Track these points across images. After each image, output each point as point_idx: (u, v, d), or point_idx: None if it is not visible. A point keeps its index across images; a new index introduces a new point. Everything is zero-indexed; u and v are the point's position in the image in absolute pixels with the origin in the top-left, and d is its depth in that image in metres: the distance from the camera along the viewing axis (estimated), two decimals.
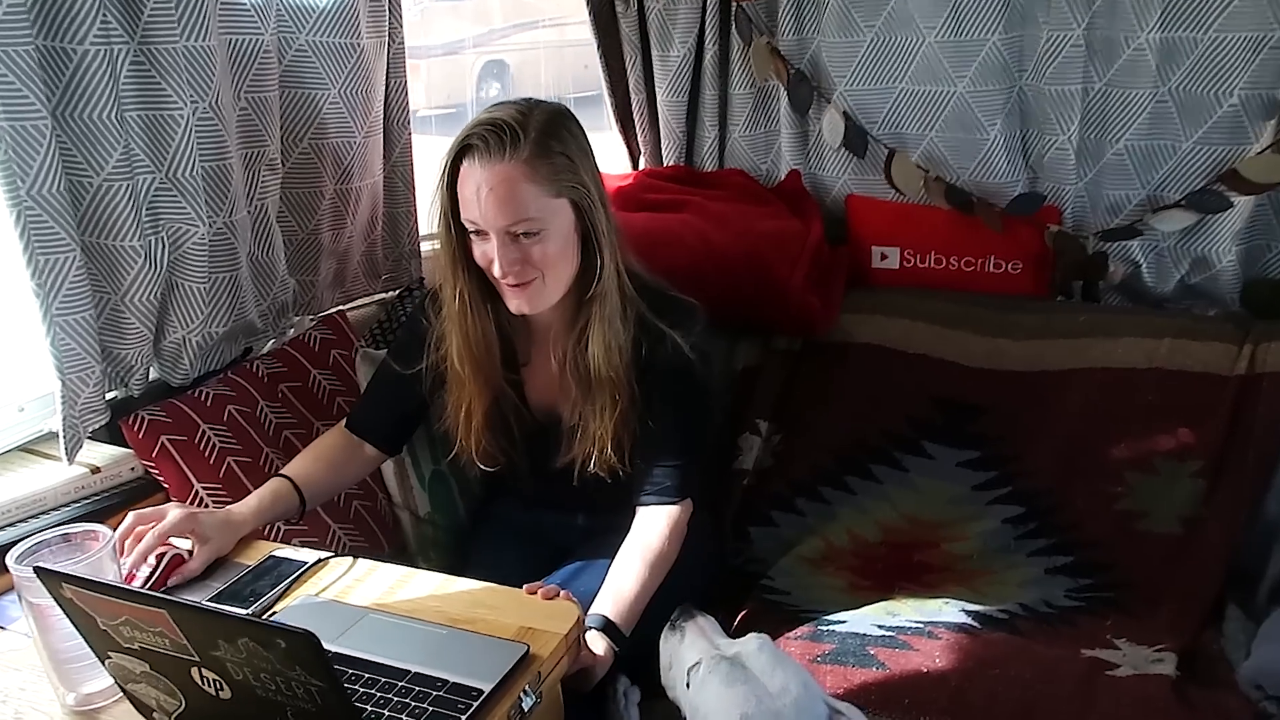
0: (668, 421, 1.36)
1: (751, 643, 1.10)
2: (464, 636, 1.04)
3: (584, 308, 1.31)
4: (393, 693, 0.95)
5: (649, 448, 1.36)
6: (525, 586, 1.14)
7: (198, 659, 0.81)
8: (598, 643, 1.20)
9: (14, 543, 0.97)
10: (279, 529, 1.45)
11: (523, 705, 0.96)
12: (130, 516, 1.20)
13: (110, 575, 0.97)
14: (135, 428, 1.39)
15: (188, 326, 1.47)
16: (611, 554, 1.33)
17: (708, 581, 1.52)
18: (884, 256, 1.87)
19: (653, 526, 1.34)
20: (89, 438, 1.36)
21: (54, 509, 1.29)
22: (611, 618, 1.23)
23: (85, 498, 1.32)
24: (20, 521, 1.25)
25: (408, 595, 1.15)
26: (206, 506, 1.39)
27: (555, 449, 1.40)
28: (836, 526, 1.62)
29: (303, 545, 1.45)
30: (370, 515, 1.59)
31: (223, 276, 1.51)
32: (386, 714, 0.92)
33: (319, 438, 1.46)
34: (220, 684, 0.82)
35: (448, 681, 0.96)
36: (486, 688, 0.95)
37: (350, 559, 1.23)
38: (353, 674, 0.98)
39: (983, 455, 1.62)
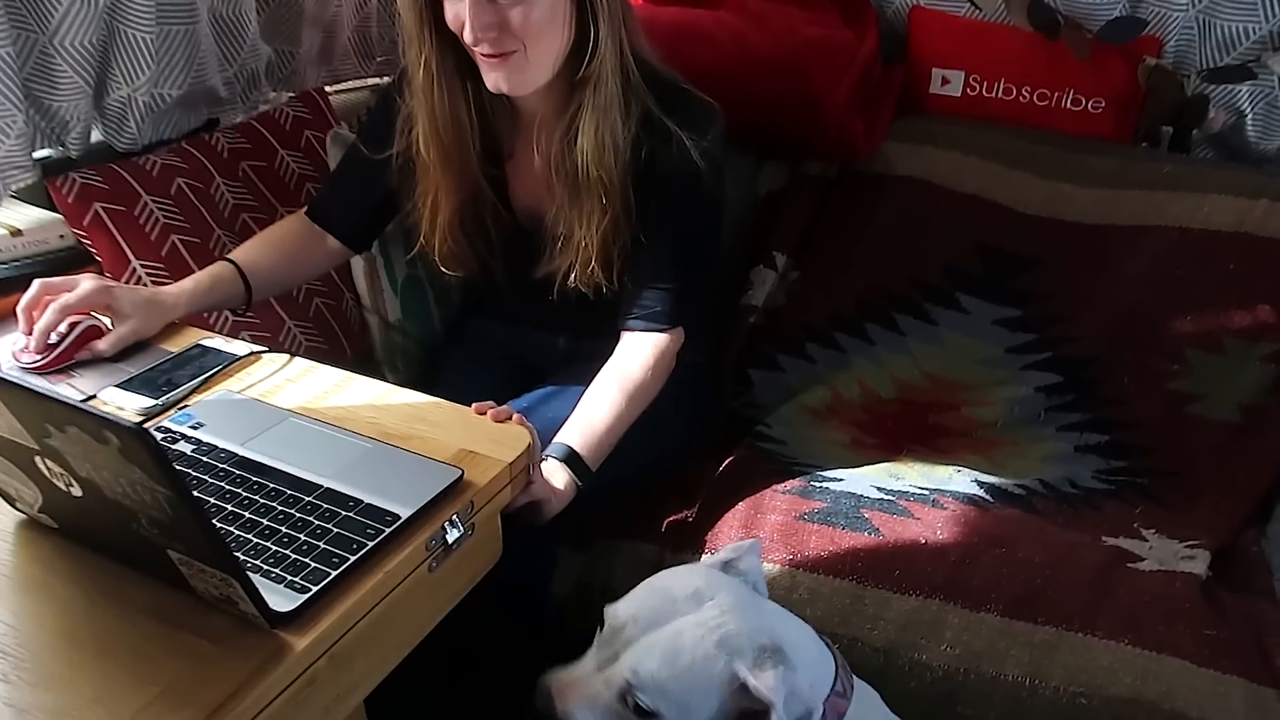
0: (665, 238, 1.17)
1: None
2: (392, 453, 0.90)
3: (575, 92, 1.11)
4: (295, 508, 0.81)
5: (640, 266, 1.18)
6: (475, 405, 0.99)
7: (37, 448, 0.68)
8: (558, 475, 1.06)
9: None
10: (226, 320, 1.31)
11: (446, 537, 0.83)
12: (35, 285, 1.06)
13: None
14: (65, 190, 1.23)
15: (133, 83, 1.29)
16: (588, 382, 1.18)
17: (697, 423, 1.37)
18: (945, 81, 1.62)
19: (635, 354, 1.18)
20: (11, 196, 1.21)
21: None
22: (576, 449, 1.09)
23: (2, 262, 1.18)
24: None
25: (341, 401, 1.00)
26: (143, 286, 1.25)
27: (536, 257, 1.22)
28: (848, 377, 1.46)
29: (254, 339, 1.31)
30: (333, 316, 1.45)
31: (176, 30, 1.32)
32: (284, 530, 0.79)
33: (275, 223, 1.30)
34: (69, 480, 0.69)
35: (361, 502, 0.82)
36: (405, 513, 0.81)
37: (286, 356, 1.08)
38: (255, 482, 0.84)
39: (1024, 315, 1.43)
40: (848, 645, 1.09)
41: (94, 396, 1.00)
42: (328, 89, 1.60)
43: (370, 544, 0.78)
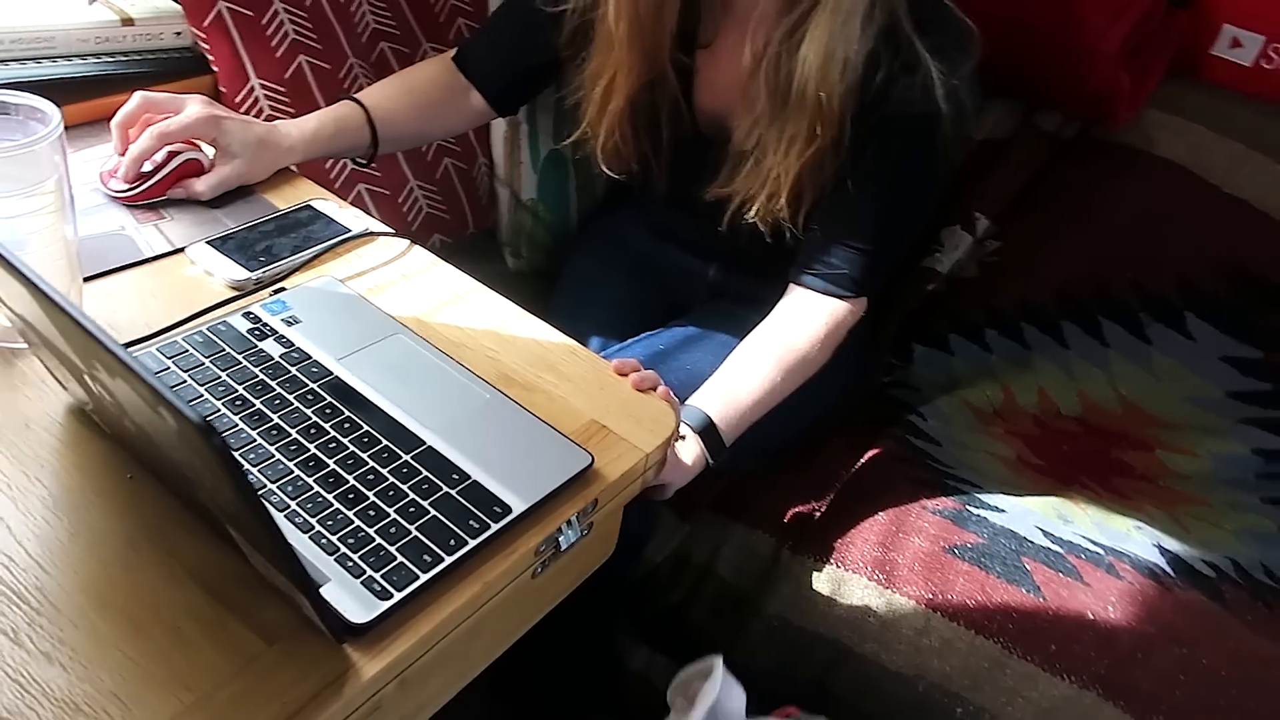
0: (875, 188, 0.95)
1: None
2: (513, 413, 0.73)
3: None
4: (390, 468, 0.66)
5: (836, 214, 0.97)
6: (616, 363, 0.82)
7: (83, 369, 0.52)
8: (689, 447, 0.89)
9: None
10: (343, 168, 1.14)
11: (559, 540, 0.67)
12: (136, 98, 0.89)
13: (50, 176, 0.67)
14: None
15: None
16: (739, 331, 0.99)
17: (841, 395, 1.18)
18: (1236, 43, 1.31)
19: (804, 318, 0.98)
20: None
21: (63, 57, 0.98)
22: (715, 419, 0.91)
23: (108, 54, 1.01)
24: (14, 61, 0.95)
25: (459, 319, 0.83)
26: (260, 111, 1.08)
27: (710, 173, 1.01)
28: (1027, 379, 1.24)
29: (372, 194, 1.14)
30: (462, 182, 1.26)
31: None
32: (371, 498, 0.64)
33: (416, 64, 1.10)
34: (123, 414, 0.54)
35: (468, 479, 0.66)
36: (519, 506, 0.65)
37: (405, 243, 0.91)
38: (347, 419, 0.69)
39: (1265, 359, 1.18)
40: (972, 714, 0.93)
41: (180, 250, 0.84)
42: None
43: (472, 543, 0.62)
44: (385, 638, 0.57)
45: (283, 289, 0.81)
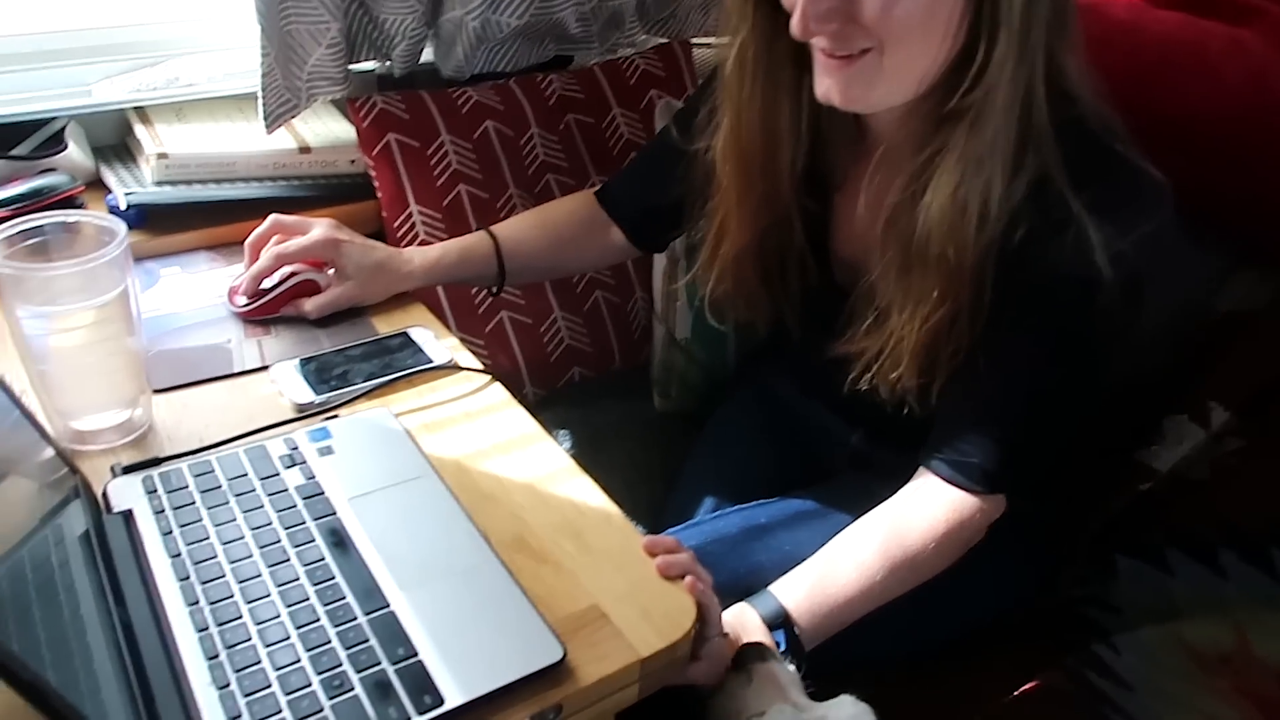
0: (1016, 365, 0.79)
1: (845, 708, 0.66)
2: (502, 584, 0.65)
3: (942, 127, 0.74)
4: (337, 626, 0.61)
5: (968, 391, 0.80)
6: (646, 540, 0.71)
7: None
8: (755, 634, 0.76)
9: None
10: (482, 296, 1.14)
11: None
12: (269, 221, 0.95)
13: (113, 290, 0.71)
14: (363, 112, 1.12)
15: (466, 5, 1.13)
16: (868, 511, 0.84)
17: (1001, 600, 0.97)
18: None
19: (923, 510, 0.81)
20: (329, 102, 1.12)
21: (242, 180, 1.07)
22: (793, 613, 0.77)
23: (282, 178, 1.09)
24: (197, 182, 1.05)
25: (506, 467, 0.77)
26: (415, 237, 1.11)
27: (841, 326, 0.89)
28: (1270, 622, 0.95)
29: (513, 322, 1.13)
30: (613, 316, 1.22)
31: None
32: (285, 670, 0.59)
33: (561, 199, 1.09)
34: None
35: (412, 656, 0.59)
36: (453, 699, 0.57)
37: (485, 377, 0.88)
38: (319, 567, 0.65)
39: None
40: None
41: (266, 367, 0.86)
42: (697, 41, 1.35)
43: None
44: None
45: (335, 416, 0.80)
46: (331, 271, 0.94)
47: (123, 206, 1.00)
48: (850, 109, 0.77)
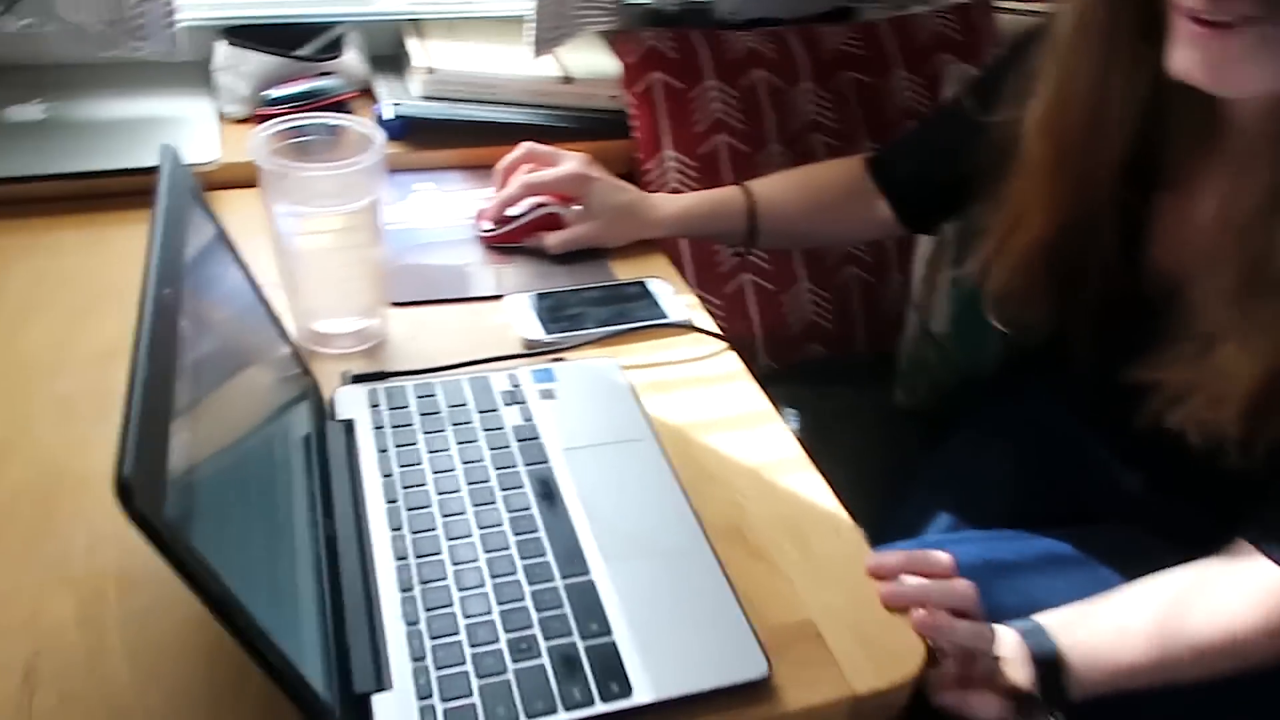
0: None
1: None
2: (712, 577, 0.59)
3: None
4: (533, 585, 0.56)
5: None
6: (872, 560, 0.62)
7: None
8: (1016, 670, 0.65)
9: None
10: (727, 255, 1.07)
11: None
12: (521, 147, 0.92)
13: (363, 199, 0.70)
14: (630, 47, 1.06)
15: None
16: (1140, 572, 0.70)
17: None
18: None
19: (1247, 593, 0.67)
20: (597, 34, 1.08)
21: (502, 104, 1.05)
22: (1068, 660, 0.65)
23: (541, 106, 1.06)
24: (460, 100, 1.04)
25: (732, 446, 0.71)
26: (665, 184, 1.05)
27: (1145, 350, 0.75)
28: None
29: (756, 287, 1.06)
30: (863, 296, 1.12)
31: None
32: (474, 621, 0.55)
33: (826, 162, 0.99)
34: None
35: (607, 634, 0.54)
36: (642, 695, 0.51)
37: (720, 344, 0.81)
38: (527, 514, 0.61)
39: None
40: None
41: (499, 297, 0.84)
42: (1000, 4, 1.20)
43: (562, 716, 0.50)
44: None
45: (561, 359, 0.76)
46: (577, 208, 0.90)
47: (387, 116, 1.00)
48: (1215, 90, 0.63)
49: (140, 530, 0.35)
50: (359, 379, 0.72)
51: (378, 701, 0.49)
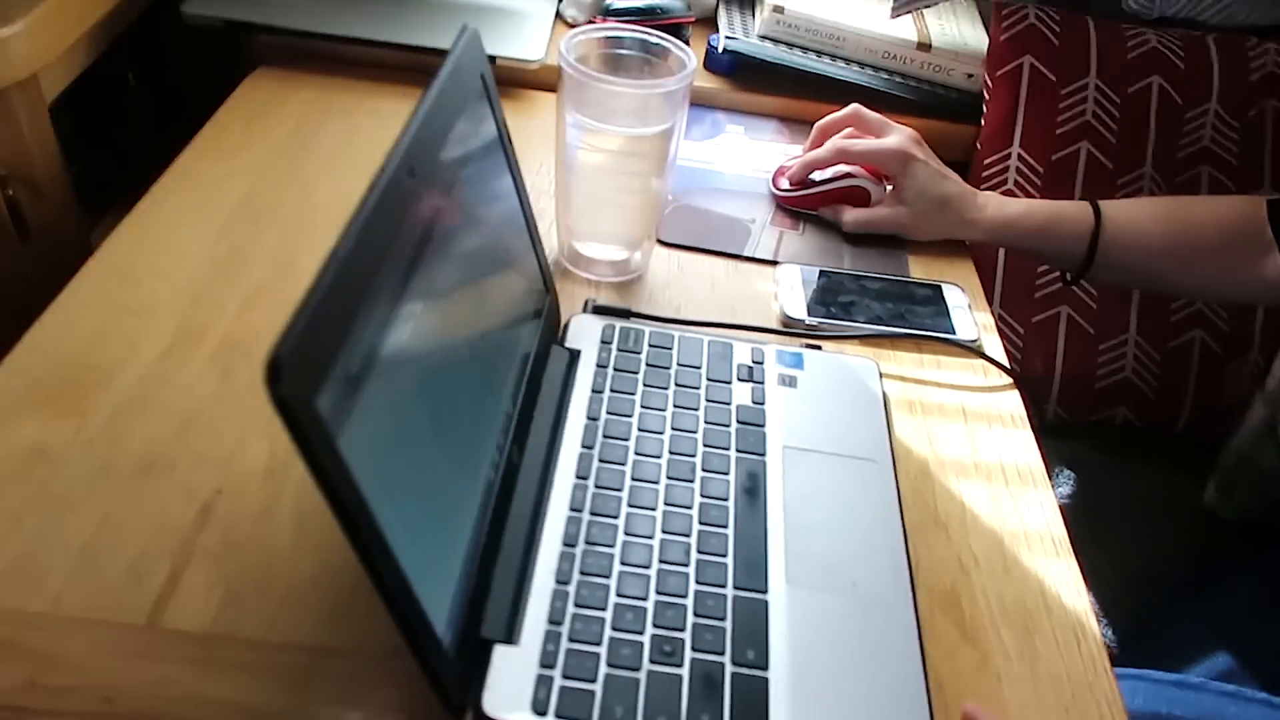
0: None
1: None
2: (900, 635, 0.50)
3: None
4: (698, 582, 0.51)
5: None
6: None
7: None
8: None
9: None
10: (1055, 279, 0.93)
11: None
12: (849, 109, 0.83)
13: (662, 124, 0.65)
14: (1008, 22, 0.93)
15: None
16: None
17: None
18: None
19: None
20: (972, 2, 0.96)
21: (844, 59, 0.96)
22: None
23: (886, 70, 0.96)
24: (799, 47, 0.96)
25: (980, 500, 0.60)
26: (1001, 183, 0.93)
27: None
28: None
29: (1069, 323, 0.93)
30: (1204, 366, 0.93)
31: None
32: (626, 599, 0.50)
33: (1210, 197, 0.82)
34: None
35: (762, 670, 0.47)
36: None
37: (1008, 380, 0.69)
38: (721, 506, 0.55)
39: None
40: None
41: (774, 263, 0.77)
42: None
43: None
44: None
45: (818, 347, 0.68)
46: (889, 188, 0.80)
47: (719, 49, 0.95)
48: None
49: (281, 416, 0.32)
50: (601, 310, 0.68)
51: (499, 655, 0.46)
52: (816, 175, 0.82)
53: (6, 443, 0.54)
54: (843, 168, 0.81)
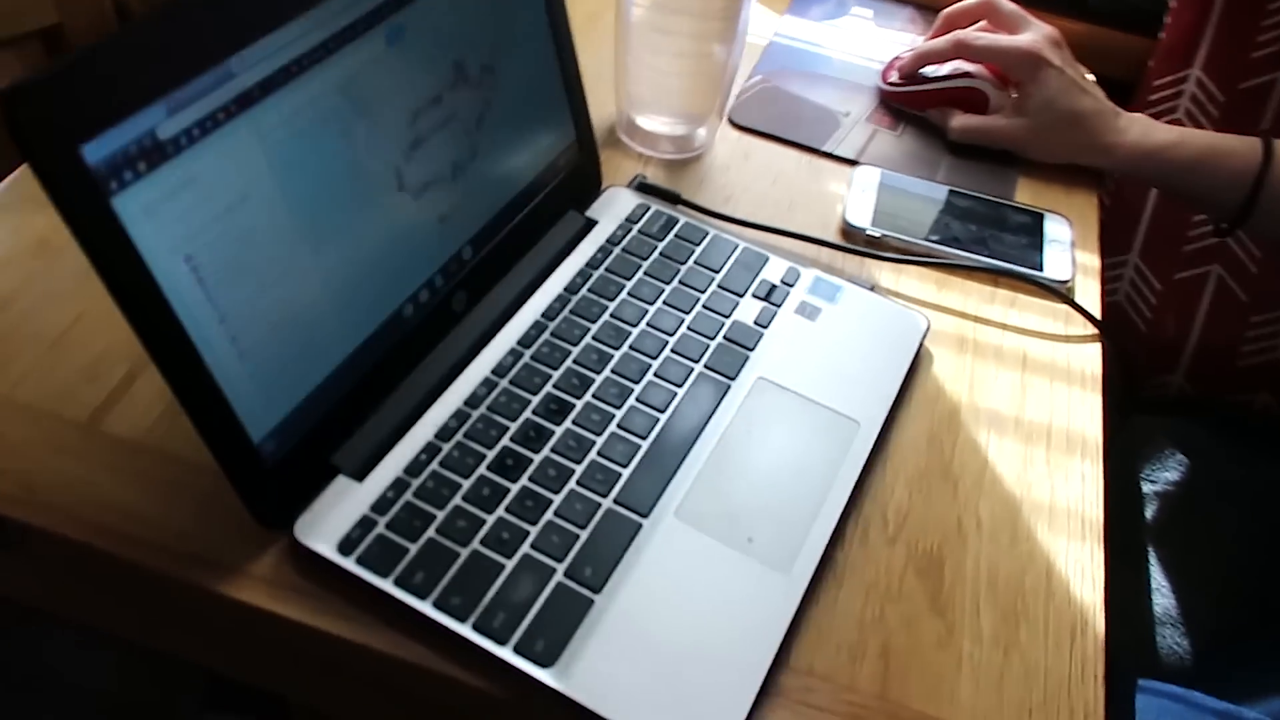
0: None
1: None
2: (778, 600, 0.44)
3: None
4: (583, 484, 0.46)
5: None
6: None
7: None
8: None
9: None
10: (1202, 229, 0.79)
11: None
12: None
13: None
14: None
15: None
16: None
17: None
18: None
19: None
20: None
21: None
22: None
23: None
24: None
25: (1017, 447, 0.52)
26: (1162, 111, 0.78)
27: None
28: None
29: (1218, 286, 0.80)
30: None
31: None
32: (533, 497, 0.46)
33: None
34: None
35: (591, 591, 0.43)
36: (549, 680, 0.40)
37: (1093, 331, 0.59)
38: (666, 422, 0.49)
39: None
40: None
41: (853, 163, 0.68)
42: None
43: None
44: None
45: (874, 286, 0.59)
46: (1013, 95, 0.69)
47: None
48: None
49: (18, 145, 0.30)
50: (646, 189, 0.63)
51: (337, 486, 0.44)
52: (929, 70, 0.71)
53: (19, 232, 0.56)
54: (961, 65, 0.70)
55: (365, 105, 0.43)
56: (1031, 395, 0.55)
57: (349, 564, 0.41)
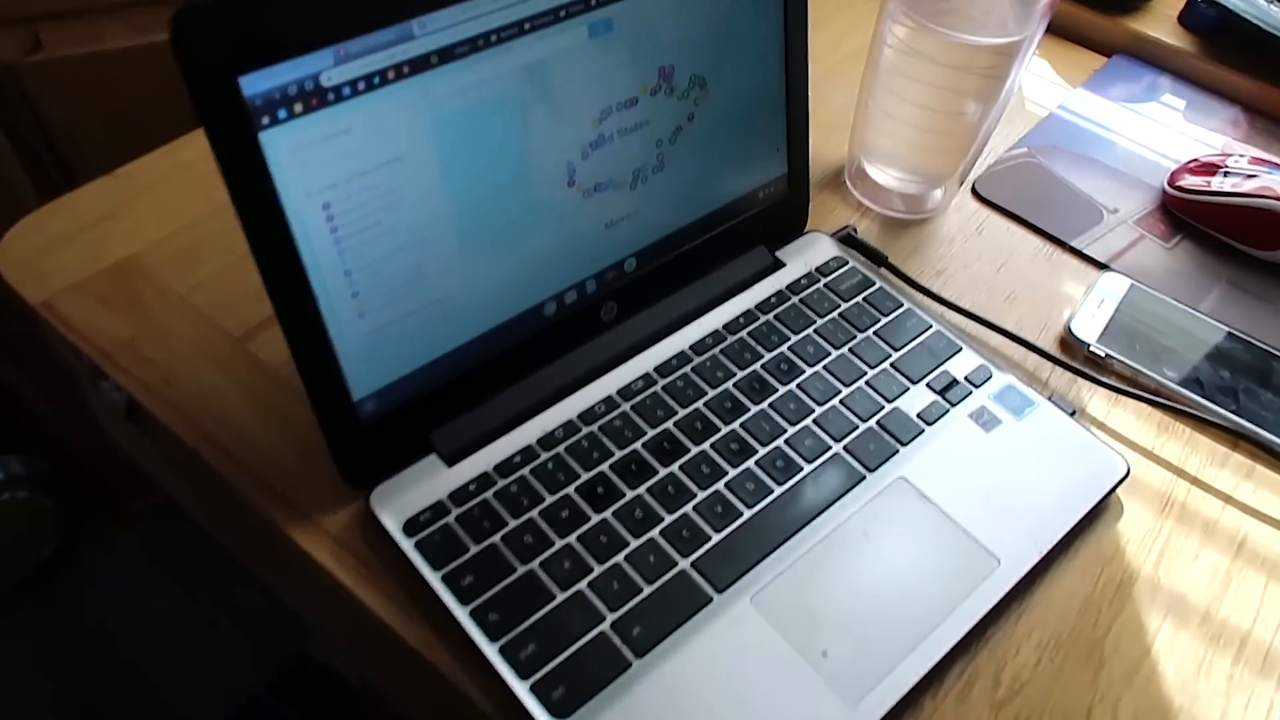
0: None
1: None
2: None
3: None
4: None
5: None
6: None
7: None
8: None
9: None
10: None
11: None
12: None
13: (996, 34, 0.51)
14: None
15: None
16: None
17: None
18: None
19: None
20: None
21: None
22: None
23: None
24: None
25: (1178, 634, 0.43)
26: None
27: None
28: None
29: None
30: None
31: None
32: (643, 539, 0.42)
33: None
34: None
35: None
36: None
37: None
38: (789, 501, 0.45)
39: None
40: None
41: (1106, 268, 0.59)
42: None
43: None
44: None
45: (1076, 412, 0.51)
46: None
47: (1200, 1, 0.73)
48: None
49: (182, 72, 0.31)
50: (849, 241, 0.58)
51: (426, 464, 0.43)
52: (1224, 184, 0.61)
53: None
54: (1270, 183, 0.59)
55: (550, 93, 0.41)
56: (1237, 589, 0.46)
57: (406, 545, 0.41)
